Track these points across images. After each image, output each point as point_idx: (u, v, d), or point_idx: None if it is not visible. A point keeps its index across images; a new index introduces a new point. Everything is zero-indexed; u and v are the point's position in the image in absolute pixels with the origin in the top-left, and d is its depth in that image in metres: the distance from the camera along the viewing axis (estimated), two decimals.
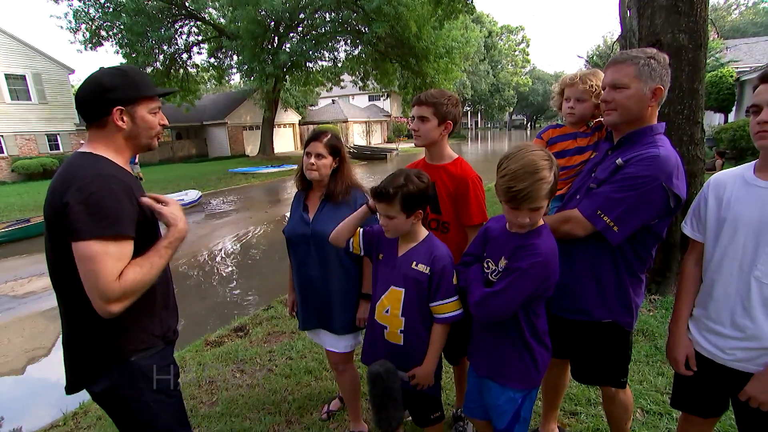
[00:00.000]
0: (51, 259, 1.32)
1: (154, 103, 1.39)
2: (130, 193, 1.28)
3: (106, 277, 1.17)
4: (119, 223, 1.21)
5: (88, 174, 1.22)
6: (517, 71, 62.50)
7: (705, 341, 1.45)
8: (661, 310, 3.51)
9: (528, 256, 1.39)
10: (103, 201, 1.20)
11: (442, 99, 1.89)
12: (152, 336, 1.41)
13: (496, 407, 1.61)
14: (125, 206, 1.25)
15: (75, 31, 18.99)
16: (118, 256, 1.21)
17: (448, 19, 16.19)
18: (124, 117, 1.32)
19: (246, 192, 15.59)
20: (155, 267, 1.30)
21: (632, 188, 1.45)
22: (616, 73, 1.51)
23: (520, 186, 1.33)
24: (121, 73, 1.34)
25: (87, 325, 1.30)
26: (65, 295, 1.33)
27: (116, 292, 1.19)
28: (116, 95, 1.30)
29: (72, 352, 1.39)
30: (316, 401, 2.68)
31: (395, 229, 1.64)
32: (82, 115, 1.33)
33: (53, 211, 1.23)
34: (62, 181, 1.23)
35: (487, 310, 1.44)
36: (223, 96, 31.59)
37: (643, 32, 3.56)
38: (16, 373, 4.08)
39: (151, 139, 1.42)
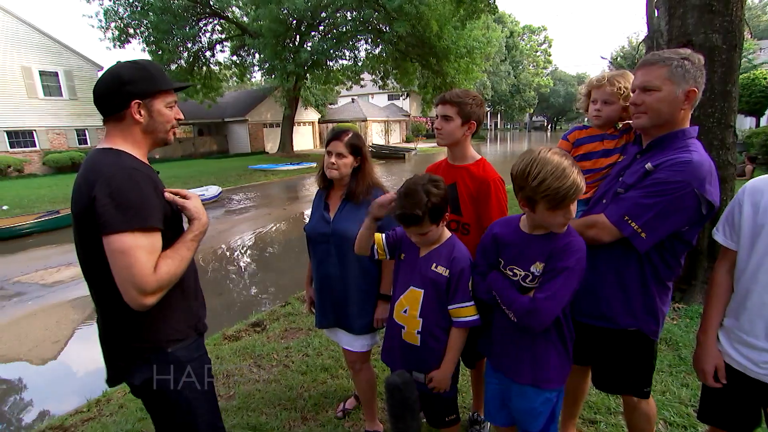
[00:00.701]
0: (82, 256, 1.34)
1: (170, 96, 1.40)
2: (154, 185, 1.30)
3: (142, 270, 1.18)
4: (148, 215, 1.23)
5: (112, 168, 1.23)
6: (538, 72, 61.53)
7: (736, 353, 1.39)
8: (685, 319, 3.41)
9: (571, 254, 1.39)
10: (129, 193, 1.21)
11: (466, 99, 1.88)
12: (186, 327, 1.42)
13: (532, 410, 1.57)
14: (151, 198, 1.26)
15: (105, 30, 19.57)
16: (149, 248, 1.22)
17: (470, 18, 16.07)
18: (141, 110, 1.33)
19: (265, 189, 15.80)
20: (184, 260, 1.32)
21: (662, 194, 1.40)
22: (647, 75, 1.46)
23: (567, 183, 1.30)
24: (139, 67, 1.34)
25: (122, 318, 1.31)
26: (99, 290, 1.34)
27: (153, 285, 1.20)
28: (134, 88, 1.31)
29: (109, 345, 1.40)
30: (332, 399, 2.70)
31: (430, 240, 1.65)
32: (100, 108, 1.34)
33: (80, 207, 1.25)
34: (86, 177, 1.25)
35: (541, 316, 1.38)
36: (244, 93, 32.06)
37: (674, 32, 3.46)
38: (43, 359, 4.24)
39: (167, 133, 1.43)
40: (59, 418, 2.89)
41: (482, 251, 1.64)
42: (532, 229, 1.50)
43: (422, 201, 1.52)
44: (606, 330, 1.62)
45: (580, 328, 1.65)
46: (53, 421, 2.86)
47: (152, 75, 1.35)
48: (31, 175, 19.49)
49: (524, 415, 1.60)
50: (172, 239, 1.34)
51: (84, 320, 5.10)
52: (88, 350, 4.41)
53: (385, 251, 1.79)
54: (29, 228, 9.23)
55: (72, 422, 2.81)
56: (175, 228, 1.39)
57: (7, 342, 4.58)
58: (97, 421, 2.76)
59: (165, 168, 20.21)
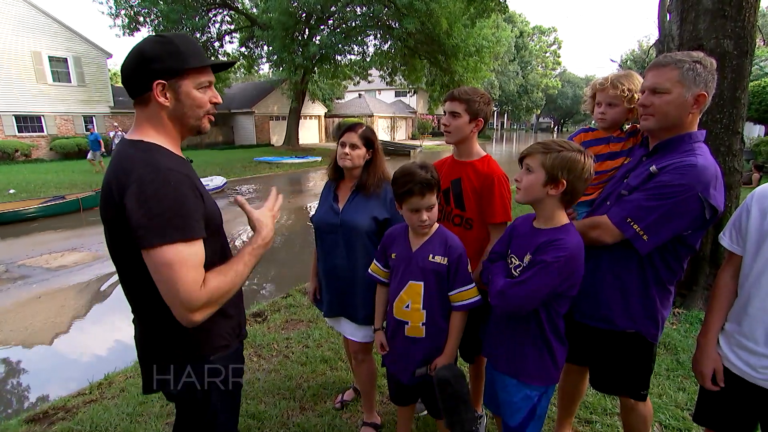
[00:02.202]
0: (116, 260, 1.22)
1: (203, 76, 1.20)
2: (192, 186, 1.15)
3: (188, 285, 1.07)
4: (189, 225, 1.10)
5: (145, 169, 1.09)
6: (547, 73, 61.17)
7: (736, 358, 1.40)
8: (685, 324, 3.41)
9: (553, 250, 1.38)
10: (166, 201, 1.07)
11: (475, 96, 1.90)
12: (229, 335, 1.34)
13: (511, 404, 1.60)
14: (190, 203, 1.12)
15: (115, 17, 19.57)
16: (193, 261, 1.09)
17: (480, 17, 15.99)
18: (167, 93, 1.15)
19: (270, 181, 15.83)
20: (239, 276, 1.20)
21: (666, 197, 1.41)
22: (657, 77, 1.46)
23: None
24: (164, 41, 1.15)
25: (163, 327, 1.21)
26: (137, 298, 1.25)
27: (201, 301, 1.09)
28: (157, 66, 1.13)
29: (147, 352, 1.31)
30: (331, 390, 2.73)
31: (434, 219, 1.69)
32: (127, 89, 1.18)
33: (111, 212, 1.12)
34: (117, 177, 1.11)
35: (508, 299, 1.43)
36: (251, 85, 32.07)
37: (685, 37, 3.44)
38: (47, 342, 4.29)
39: (199, 120, 1.24)
40: (61, 399, 2.93)
41: (500, 241, 1.69)
42: (538, 221, 1.54)
43: (428, 169, 1.63)
44: (605, 332, 1.64)
45: (580, 329, 1.68)
46: (56, 402, 2.90)
47: (179, 50, 1.15)
48: (38, 159, 19.62)
49: (505, 407, 1.64)
50: (213, 245, 1.22)
51: (88, 304, 5.16)
52: (91, 334, 4.46)
53: (382, 269, 1.86)
54: (34, 212, 9.30)
55: (74, 404, 2.85)
56: (214, 232, 1.25)
57: (11, 324, 4.64)
58: (99, 404, 2.79)
59: None
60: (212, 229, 1.22)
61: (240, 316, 1.43)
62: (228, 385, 1.35)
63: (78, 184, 13.09)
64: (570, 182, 1.39)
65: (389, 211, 2.03)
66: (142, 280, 1.13)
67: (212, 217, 1.23)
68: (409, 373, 1.77)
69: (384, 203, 2.04)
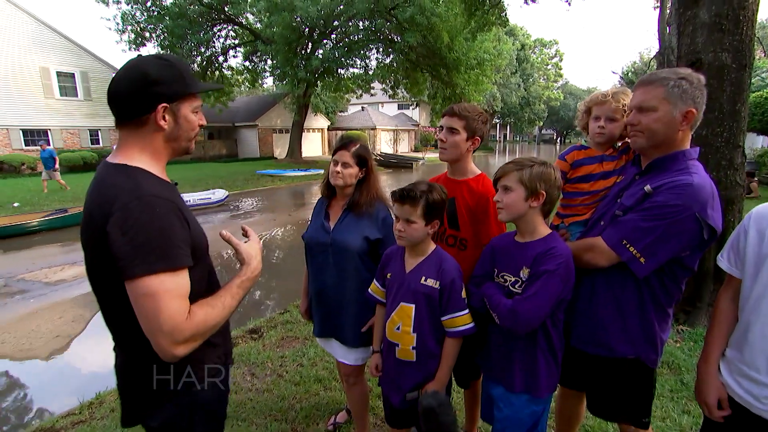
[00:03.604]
0: (96, 289, 1.18)
1: (197, 101, 1.23)
2: (178, 212, 1.11)
3: (172, 316, 1.02)
4: (174, 254, 1.06)
5: (128, 196, 1.05)
6: (549, 85, 61.51)
7: (738, 387, 1.33)
8: (689, 342, 3.32)
9: (552, 259, 1.43)
10: (150, 230, 1.03)
11: (474, 114, 1.87)
12: (215, 364, 1.29)
13: (516, 420, 1.58)
14: (176, 231, 1.08)
15: (122, 33, 19.93)
16: (178, 291, 1.05)
17: (481, 30, 16.07)
18: (167, 116, 1.15)
19: (272, 194, 15.86)
20: (227, 308, 1.17)
21: (662, 217, 1.36)
22: (643, 95, 1.44)
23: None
24: (167, 64, 1.15)
25: (146, 356, 1.13)
26: (117, 326, 1.20)
27: (186, 333, 1.04)
28: (163, 89, 1.12)
29: (127, 383, 1.26)
30: (324, 411, 2.66)
31: (411, 236, 1.63)
32: (117, 110, 1.14)
33: (92, 240, 1.09)
34: (99, 204, 1.07)
35: (520, 317, 1.43)
36: (255, 99, 32.41)
37: (683, 50, 3.43)
38: (41, 358, 4.24)
39: (190, 141, 1.25)
40: (50, 420, 2.88)
41: (480, 262, 1.70)
42: (522, 236, 1.57)
43: (423, 188, 1.61)
44: (602, 358, 1.57)
45: (576, 355, 1.61)
46: (44, 423, 2.85)
47: (182, 75, 1.16)
48: None
49: (509, 422, 1.61)
50: (199, 272, 1.19)
51: (84, 320, 5.12)
52: (85, 350, 4.40)
53: (380, 289, 1.82)
54: (37, 226, 9.32)
55: (62, 424, 2.80)
56: (200, 259, 1.21)
57: (6, 339, 4.60)
58: (88, 425, 2.74)
59: (174, 170, 20.44)
60: (198, 256, 1.18)
61: (226, 344, 1.39)
62: (213, 416, 1.31)
63: (81, 197, 13.15)
64: (547, 192, 1.49)
65: (381, 231, 1.98)
66: (123, 309, 1.08)
67: (198, 244, 1.20)
68: (400, 397, 1.71)
69: (376, 223, 2.00)
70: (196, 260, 1.15)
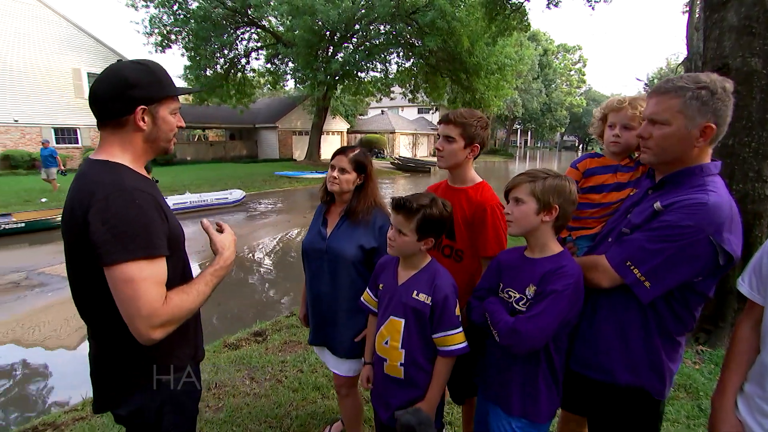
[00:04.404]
0: (73, 281, 1.23)
1: (175, 103, 1.29)
2: (157, 205, 1.18)
3: (150, 301, 1.08)
4: (152, 243, 1.12)
5: (109, 188, 1.11)
6: (571, 91, 60.30)
7: (759, 428, 1.18)
8: (709, 364, 3.13)
9: (560, 278, 1.34)
10: (129, 219, 1.09)
11: (471, 120, 1.78)
12: (184, 357, 1.34)
13: None
14: (154, 222, 1.14)
15: (149, 35, 20.50)
16: (156, 278, 1.12)
17: (502, 35, 15.91)
18: (145, 117, 1.21)
19: (289, 195, 16.00)
20: (201, 295, 1.23)
21: (670, 239, 1.23)
22: (656, 106, 1.29)
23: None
24: (145, 69, 1.21)
25: (118, 346, 1.22)
26: (92, 318, 1.25)
27: (162, 318, 1.10)
28: (141, 93, 1.18)
29: (100, 372, 1.30)
30: (319, 420, 2.60)
31: (400, 247, 1.56)
32: (98, 111, 1.20)
33: (72, 232, 1.13)
34: (80, 196, 1.12)
35: (522, 336, 1.33)
36: (276, 101, 32.83)
37: (709, 55, 3.25)
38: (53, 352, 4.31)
39: (168, 142, 1.31)
40: (52, 415, 2.90)
41: (485, 275, 1.62)
42: (531, 251, 1.47)
43: (423, 201, 1.52)
44: (604, 384, 1.44)
45: (576, 379, 1.50)
46: (46, 418, 2.88)
47: (160, 79, 1.23)
48: (71, 169, 20.43)
49: None
50: (174, 263, 1.24)
51: None
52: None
53: (373, 298, 1.75)
54: None
55: (64, 420, 2.82)
56: (176, 251, 1.27)
57: (21, 332, 4.71)
58: (87, 422, 2.74)
59: (196, 170, 20.86)
60: (174, 248, 1.24)
61: (198, 337, 1.43)
62: (182, 409, 1.34)
63: None
64: (561, 206, 1.40)
65: (377, 239, 1.91)
66: (99, 300, 1.15)
67: (175, 236, 1.26)
68: (389, 414, 1.63)
69: (372, 231, 1.93)
70: (172, 251, 1.21)
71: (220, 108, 26.31)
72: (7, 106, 18.98)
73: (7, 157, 18.60)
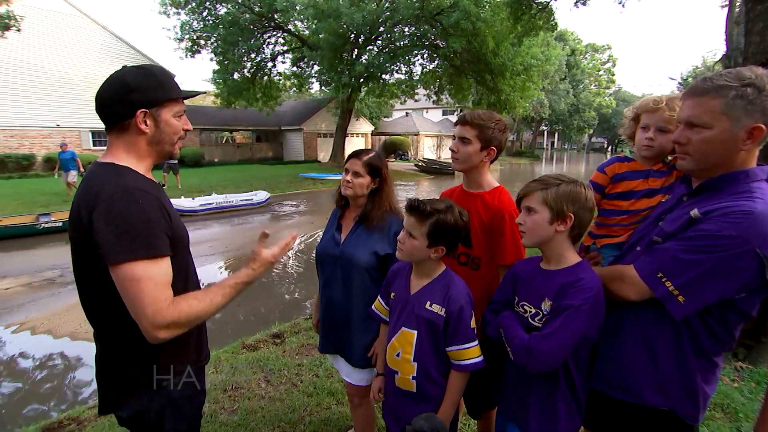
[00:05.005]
0: (79, 281, 1.25)
1: (179, 106, 1.30)
2: (161, 206, 1.19)
3: (155, 301, 1.09)
4: (154, 243, 1.13)
5: (113, 189, 1.13)
6: (600, 92, 58.48)
7: None
8: (749, 382, 2.92)
9: (578, 292, 1.25)
10: (133, 219, 1.11)
11: (489, 122, 1.71)
12: (186, 360, 1.33)
13: None
14: (157, 222, 1.15)
15: (180, 41, 21.19)
16: (160, 278, 1.12)
17: (528, 35, 15.59)
18: (147, 120, 1.23)
19: (313, 197, 16.14)
20: (214, 305, 1.21)
21: (709, 250, 1.11)
22: (695, 108, 1.16)
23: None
24: (146, 73, 1.24)
25: (120, 347, 1.24)
26: (97, 317, 1.26)
27: (167, 318, 1.10)
28: (141, 96, 1.21)
29: (104, 375, 1.31)
30: (333, 428, 2.56)
31: (410, 252, 1.49)
32: (103, 116, 1.24)
33: (79, 233, 1.16)
34: (86, 198, 1.15)
35: (537, 356, 1.25)
36: (301, 103, 33.29)
37: (750, 50, 3.04)
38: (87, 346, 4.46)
39: (173, 145, 1.32)
40: (76, 410, 2.98)
41: (500, 287, 1.54)
42: (547, 262, 1.39)
43: (439, 206, 1.44)
44: (630, 405, 1.33)
45: (600, 399, 1.39)
46: (72, 413, 2.95)
47: (161, 82, 1.25)
48: None
49: None
50: (178, 264, 1.23)
51: None
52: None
53: (384, 307, 1.70)
54: None
55: (87, 416, 2.88)
56: (179, 252, 1.26)
57: (50, 327, 4.90)
58: (108, 419, 2.80)
59: (223, 171, 21.35)
60: (178, 248, 1.25)
61: (202, 341, 1.43)
62: (184, 412, 1.33)
63: None
64: (576, 215, 1.32)
65: (391, 246, 1.86)
66: (103, 301, 1.17)
67: (178, 237, 1.26)
68: (399, 428, 1.57)
69: (387, 237, 1.87)
70: (175, 252, 1.22)
71: (247, 111, 26.88)
72: (50, 111, 19.99)
73: (49, 159, 19.55)
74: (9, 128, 19.06)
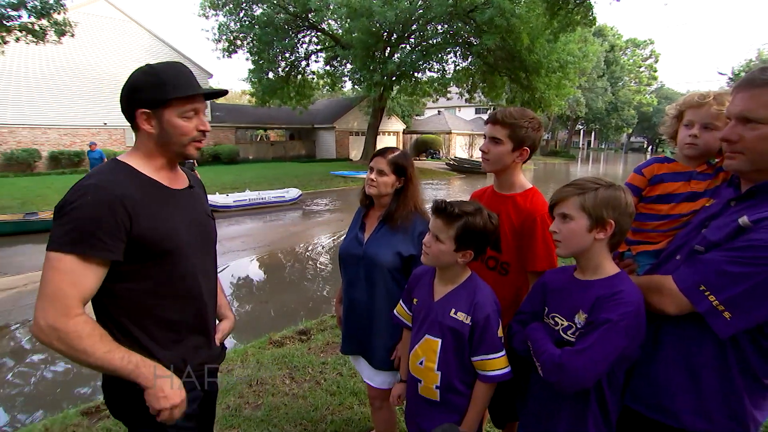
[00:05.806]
0: None
1: (188, 105, 1.22)
2: (119, 207, 1.10)
3: (58, 299, 1.04)
4: (87, 242, 1.06)
5: (78, 183, 1.13)
6: (640, 89, 55.72)
7: None
8: None
9: (617, 306, 1.15)
10: (74, 213, 1.07)
11: (521, 120, 1.63)
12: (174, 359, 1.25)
13: None
14: (105, 221, 1.08)
15: (217, 42, 21.87)
16: (75, 278, 1.06)
17: (564, 31, 15.07)
18: (151, 121, 1.20)
19: (343, 195, 16.28)
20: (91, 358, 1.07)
21: (760, 263, 1.01)
22: (749, 102, 1.06)
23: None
24: (151, 72, 1.21)
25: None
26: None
27: (57, 323, 1.04)
28: (141, 96, 1.19)
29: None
30: (354, 428, 2.55)
31: (435, 256, 1.43)
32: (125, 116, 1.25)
33: None
34: None
35: (569, 374, 1.16)
36: (334, 102, 33.63)
37: None
38: None
39: (184, 146, 1.26)
40: (96, 402, 3.00)
41: (529, 297, 1.46)
42: (582, 272, 1.29)
43: (467, 208, 1.38)
44: (666, 427, 1.22)
45: (631, 416, 1.30)
46: (92, 404, 2.99)
47: (162, 82, 1.19)
48: None
49: None
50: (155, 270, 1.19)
51: None
52: None
53: (407, 312, 1.65)
54: None
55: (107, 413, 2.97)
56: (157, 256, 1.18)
57: None
58: None
59: (256, 168, 21.86)
60: (155, 253, 1.18)
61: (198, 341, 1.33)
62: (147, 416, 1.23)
63: None
64: (617, 221, 1.22)
65: (416, 247, 1.81)
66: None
67: (155, 241, 1.17)
68: None
69: (411, 238, 1.84)
70: (148, 258, 1.16)
71: (281, 109, 27.40)
72: (98, 110, 21.07)
73: None
74: (63, 127, 20.26)
